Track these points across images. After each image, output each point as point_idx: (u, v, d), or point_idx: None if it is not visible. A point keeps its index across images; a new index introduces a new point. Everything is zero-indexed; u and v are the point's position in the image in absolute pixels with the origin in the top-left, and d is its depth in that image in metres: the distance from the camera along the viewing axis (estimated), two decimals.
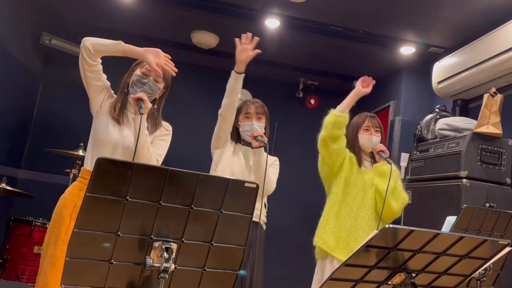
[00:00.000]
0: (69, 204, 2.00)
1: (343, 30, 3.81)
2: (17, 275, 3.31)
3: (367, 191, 2.47)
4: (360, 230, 2.42)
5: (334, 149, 2.44)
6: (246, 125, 2.44)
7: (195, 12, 3.84)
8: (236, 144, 2.51)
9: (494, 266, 1.75)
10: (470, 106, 3.53)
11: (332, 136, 2.42)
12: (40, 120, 4.58)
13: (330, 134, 2.42)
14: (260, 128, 2.42)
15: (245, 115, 2.47)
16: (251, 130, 2.40)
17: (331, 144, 2.43)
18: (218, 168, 2.42)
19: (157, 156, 2.13)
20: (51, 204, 2.08)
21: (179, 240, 1.21)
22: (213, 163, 2.48)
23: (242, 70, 2.37)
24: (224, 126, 2.41)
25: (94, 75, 2.06)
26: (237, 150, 2.48)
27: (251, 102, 2.51)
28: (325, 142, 2.44)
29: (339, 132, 2.43)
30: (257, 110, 2.46)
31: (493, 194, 2.79)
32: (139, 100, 2.00)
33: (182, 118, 4.81)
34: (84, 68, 2.05)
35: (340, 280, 1.21)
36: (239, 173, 2.41)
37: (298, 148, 5.00)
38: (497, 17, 3.22)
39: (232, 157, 2.45)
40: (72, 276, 1.14)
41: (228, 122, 2.40)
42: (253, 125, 2.42)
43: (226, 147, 2.47)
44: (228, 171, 2.40)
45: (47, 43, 4.13)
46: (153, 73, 2.11)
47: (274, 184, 2.44)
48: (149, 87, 2.09)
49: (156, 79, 2.12)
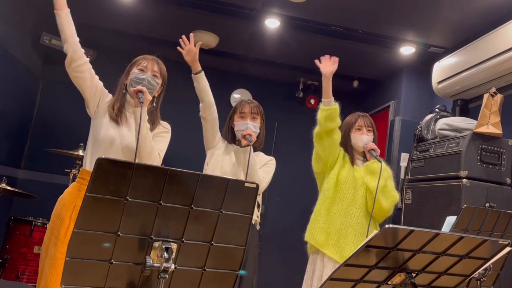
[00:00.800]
0: (68, 205, 1.99)
1: (343, 30, 3.81)
2: (17, 275, 3.31)
3: (358, 189, 2.49)
4: (349, 228, 2.44)
5: (329, 143, 2.48)
6: (240, 125, 2.45)
7: (195, 12, 3.84)
8: (228, 144, 2.53)
9: (494, 266, 1.75)
10: (470, 106, 3.53)
11: (326, 130, 2.46)
12: (40, 120, 4.58)
13: (324, 128, 2.45)
14: (254, 128, 2.43)
15: (240, 115, 2.48)
16: (245, 129, 2.41)
17: (325, 138, 2.47)
18: (208, 167, 2.45)
19: (159, 151, 2.13)
20: (51, 204, 2.08)
21: (179, 240, 1.21)
22: (205, 163, 2.51)
23: (198, 69, 2.43)
24: (208, 126, 2.46)
25: (83, 74, 2.07)
26: (229, 149, 2.51)
27: (246, 102, 2.53)
28: (320, 136, 2.48)
29: (333, 124, 2.46)
30: (251, 110, 2.47)
31: (493, 194, 2.79)
32: (139, 92, 2.02)
33: (182, 118, 4.81)
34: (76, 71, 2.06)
35: (340, 280, 1.21)
36: (229, 171, 2.43)
37: (298, 148, 4.99)
38: (497, 17, 3.22)
39: (223, 156, 2.47)
40: (72, 276, 1.14)
41: (210, 121, 2.45)
42: (247, 124, 2.43)
43: (217, 146, 2.50)
44: (218, 170, 2.42)
45: (47, 43, 4.13)
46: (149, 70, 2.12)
47: (265, 183, 2.45)
48: (148, 82, 2.10)
49: (153, 74, 2.14)
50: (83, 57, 2.08)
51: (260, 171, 2.44)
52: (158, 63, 2.19)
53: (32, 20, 4.11)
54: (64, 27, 2.04)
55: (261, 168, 2.48)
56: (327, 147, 2.49)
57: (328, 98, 2.47)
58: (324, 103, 2.47)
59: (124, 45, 4.67)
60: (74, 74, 2.07)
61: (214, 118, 2.45)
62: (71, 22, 2.06)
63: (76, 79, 2.08)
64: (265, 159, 2.55)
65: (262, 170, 2.47)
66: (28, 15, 4.04)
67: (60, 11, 2.03)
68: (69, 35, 2.04)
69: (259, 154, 2.55)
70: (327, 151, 2.51)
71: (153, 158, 2.06)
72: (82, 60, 2.07)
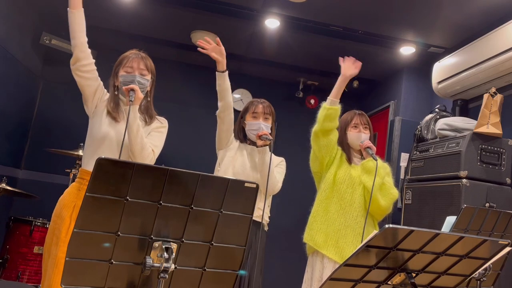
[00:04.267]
0: (68, 205, 2.00)
1: (343, 30, 3.81)
2: (17, 275, 3.31)
3: (355, 188, 2.47)
4: (348, 228, 2.42)
5: (325, 142, 2.47)
6: (253, 124, 2.44)
7: (195, 12, 3.84)
8: (241, 144, 2.51)
9: (494, 266, 1.75)
10: (470, 106, 3.53)
11: (324, 130, 2.45)
12: (40, 120, 4.58)
13: (322, 128, 2.45)
14: (266, 128, 2.42)
15: (252, 115, 2.47)
16: (258, 130, 2.40)
17: (322, 137, 2.47)
18: (221, 168, 2.43)
19: (153, 147, 2.13)
20: (51, 204, 2.08)
21: (179, 240, 1.21)
22: (217, 163, 2.49)
23: (224, 68, 2.39)
24: (223, 127, 2.42)
25: (87, 74, 2.07)
26: (241, 149, 2.48)
27: (258, 101, 2.51)
28: (317, 135, 2.48)
29: (331, 124, 2.45)
30: (264, 110, 2.46)
31: (493, 194, 2.79)
32: (130, 91, 2.02)
33: (182, 118, 4.82)
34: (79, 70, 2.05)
35: (340, 280, 1.21)
36: (242, 172, 2.41)
37: (298, 148, 4.99)
38: (497, 17, 3.22)
39: (235, 156, 2.44)
40: (72, 276, 1.14)
41: (226, 123, 2.41)
42: (260, 124, 2.41)
43: (229, 146, 2.48)
44: (230, 171, 2.40)
45: (47, 43, 4.13)
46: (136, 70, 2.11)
47: (280, 184, 2.44)
48: (138, 82, 2.10)
49: (141, 73, 2.13)
50: (88, 57, 2.07)
51: (275, 172, 2.42)
52: (143, 58, 2.17)
53: (32, 20, 4.11)
54: (75, 25, 2.03)
55: (274, 168, 2.46)
56: (323, 146, 2.49)
57: (336, 98, 2.47)
58: (329, 101, 2.46)
59: (124, 45, 4.66)
60: (77, 73, 2.07)
61: (231, 119, 2.42)
62: (83, 22, 2.06)
63: (78, 78, 2.08)
64: (276, 160, 2.54)
65: (275, 171, 2.45)
66: (28, 15, 4.04)
67: (74, 9, 2.03)
68: (78, 34, 2.04)
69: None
70: (323, 151, 2.50)
71: (145, 154, 2.06)
72: (87, 61, 2.07)
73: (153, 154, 2.12)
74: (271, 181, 2.33)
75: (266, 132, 2.36)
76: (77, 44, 2.04)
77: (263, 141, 2.33)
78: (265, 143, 2.32)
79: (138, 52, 2.18)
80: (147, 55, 2.21)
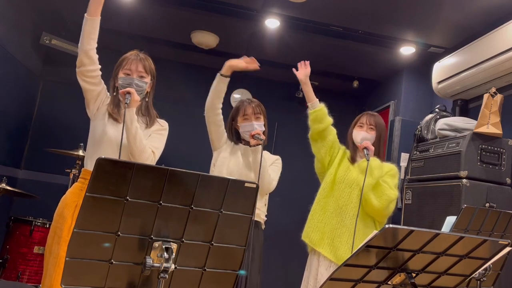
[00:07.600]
0: (70, 205, 2.01)
1: (343, 30, 3.81)
2: (17, 275, 3.31)
3: (353, 188, 2.48)
4: (344, 227, 2.43)
5: (322, 144, 2.56)
6: (246, 126, 2.45)
7: (195, 12, 3.83)
8: (235, 144, 2.52)
9: (494, 266, 1.74)
10: (470, 106, 3.53)
11: (317, 132, 2.54)
12: (40, 120, 4.58)
13: (314, 131, 2.55)
14: (259, 127, 2.43)
15: (243, 117, 2.47)
16: (252, 130, 2.41)
17: (318, 140, 2.56)
18: (215, 168, 2.45)
19: (153, 149, 2.13)
20: (51, 204, 2.08)
21: (179, 240, 1.21)
22: (211, 164, 2.50)
23: (228, 74, 2.44)
24: (211, 128, 2.47)
25: (91, 80, 2.07)
26: (235, 149, 2.50)
27: (247, 102, 2.51)
28: (314, 138, 2.58)
29: (322, 125, 2.54)
30: (254, 111, 2.47)
31: (493, 194, 2.79)
32: (126, 94, 2.02)
33: (182, 118, 4.81)
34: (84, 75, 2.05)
35: (340, 280, 1.21)
36: (236, 171, 2.42)
37: (297, 148, 4.97)
38: (497, 17, 3.22)
39: (230, 156, 2.46)
40: (72, 276, 1.14)
41: (211, 123, 2.45)
42: (253, 125, 2.42)
43: (223, 147, 2.49)
44: (224, 170, 2.42)
45: (47, 43, 4.13)
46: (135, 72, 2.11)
47: (274, 182, 2.45)
48: (136, 85, 2.10)
49: (139, 75, 2.12)
50: (94, 63, 2.06)
51: (269, 171, 2.44)
52: (142, 60, 2.15)
53: (32, 20, 4.11)
54: (89, 33, 2.01)
55: (269, 167, 2.47)
56: (321, 148, 2.56)
57: (311, 102, 2.58)
58: (309, 106, 2.57)
59: (124, 45, 4.66)
60: (81, 77, 2.06)
61: (216, 121, 2.44)
62: (97, 30, 2.04)
63: (82, 81, 2.07)
64: (272, 158, 2.55)
65: (270, 169, 2.46)
66: (28, 15, 4.04)
67: (91, 17, 2.01)
68: (88, 40, 2.01)
69: (265, 153, 2.55)
70: (321, 152, 2.56)
71: (145, 156, 2.06)
72: (93, 67, 2.06)
73: (153, 156, 2.12)
74: (265, 179, 2.34)
75: (259, 131, 2.38)
76: (85, 49, 2.02)
77: (255, 141, 2.34)
78: (257, 143, 2.33)
79: (137, 54, 2.17)
80: (148, 56, 2.21)
